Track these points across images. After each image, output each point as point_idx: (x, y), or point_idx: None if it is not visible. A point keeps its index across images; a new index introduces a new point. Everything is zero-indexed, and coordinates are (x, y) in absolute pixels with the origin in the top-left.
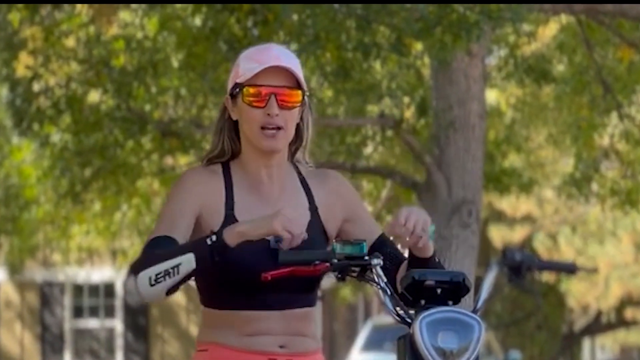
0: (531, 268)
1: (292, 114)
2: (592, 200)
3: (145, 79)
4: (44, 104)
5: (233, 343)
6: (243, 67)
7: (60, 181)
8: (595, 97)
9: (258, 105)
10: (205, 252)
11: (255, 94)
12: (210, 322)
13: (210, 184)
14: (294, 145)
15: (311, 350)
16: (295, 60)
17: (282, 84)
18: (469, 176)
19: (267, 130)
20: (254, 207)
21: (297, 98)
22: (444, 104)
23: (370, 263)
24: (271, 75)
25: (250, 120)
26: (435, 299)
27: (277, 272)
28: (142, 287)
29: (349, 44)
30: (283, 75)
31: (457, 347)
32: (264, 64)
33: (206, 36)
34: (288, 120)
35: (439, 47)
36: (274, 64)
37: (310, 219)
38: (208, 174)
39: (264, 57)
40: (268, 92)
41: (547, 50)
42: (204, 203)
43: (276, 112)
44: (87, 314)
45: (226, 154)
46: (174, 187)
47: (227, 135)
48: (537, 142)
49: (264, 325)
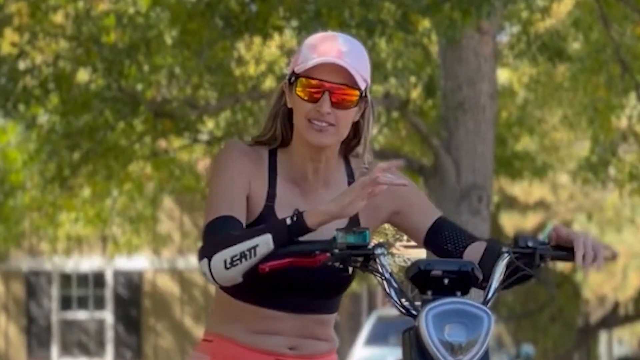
0: (545, 257)
1: (347, 114)
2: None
3: (137, 57)
4: (31, 83)
5: (239, 338)
6: (304, 54)
7: (47, 165)
8: (612, 76)
9: (310, 100)
10: (284, 233)
11: (309, 87)
12: (221, 312)
13: (257, 167)
14: (352, 142)
15: (323, 352)
16: (361, 54)
17: (339, 82)
18: (479, 160)
19: (315, 123)
20: (294, 202)
21: (354, 98)
22: (453, 83)
23: (373, 252)
24: (329, 70)
25: (299, 112)
26: (443, 290)
27: (276, 264)
28: (216, 271)
29: (352, 21)
30: (344, 71)
31: (465, 341)
32: (323, 58)
33: (201, 12)
34: (340, 119)
35: (447, 23)
36: (333, 60)
37: (347, 222)
38: (255, 154)
39: (326, 49)
40: (322, 89)
41: (561, 27)
42: (251, 184)
43: (327, 110)
44: (75, 305)
45: (277, 140)
46: (224, 157)
47: (281, 122)
48: (551, 124)
49: (276, 325)
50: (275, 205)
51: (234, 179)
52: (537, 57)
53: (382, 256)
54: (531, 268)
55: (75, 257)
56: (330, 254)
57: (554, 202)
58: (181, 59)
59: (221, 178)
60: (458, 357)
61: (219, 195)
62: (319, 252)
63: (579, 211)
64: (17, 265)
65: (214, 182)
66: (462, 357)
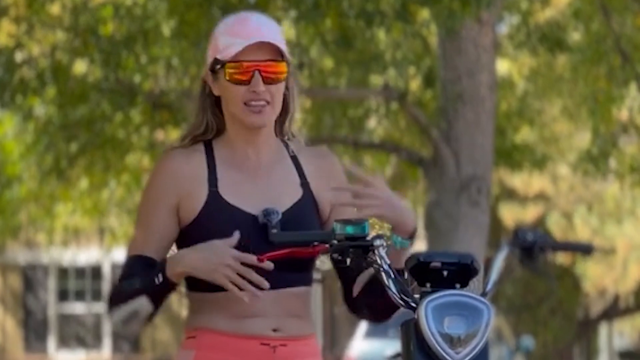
0: (544, 249)
1: (279, 87)
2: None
3: (134, 48)
4: (28, 74)
5: (222, 327)
6: (223, 41)
7: (44, 157)
8: (613, 67)
9: (242, 82)
10: (156, 292)
11: (238, 70)
12: (198, 307)
13: (189, 167)
14: (282, 118)
15: (306, 334)
16: (277, 28)
17: (265, 58)
18: (478, 151)
19: (253, 105)
20: (240, 183)
21: (283, 70)
22: (452, 74)
23: (372, 244)
24: (254, 50)
25: (234, 97)
26: (442, 282)
27: (274, 254)
28: (118, 327)
29: (350, 11)
30: (266, 48)
31: (465, 333)
32: (245, 40)
33: (199, 2)
34: (274, 94)
35: (446, 14)
36: (257, 39)
37: (301, 196)
38: (188, 155)
39: (244, 31)
40: (252, 68)
41: (562, 18)
42: (182, 191)
43: (262, 88)
44: (72, 298)
45: (210, 131)
46: (151, 179)
47: (211, 112)
48: (551, 116)
49: (256, 306)
50: (219, 189)
51: (153, 204)
52: (537, 47)
53: (381, 248)
54: (531, 261)
55: (72, 250)
56: (330, 245)
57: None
58: (179, 50)
59: (143, 203)
60: (457, 349)
61: (138, 220)
62: (317, 243)
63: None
64: (14, 257)
65: (140, 203)
66: (462, 349)
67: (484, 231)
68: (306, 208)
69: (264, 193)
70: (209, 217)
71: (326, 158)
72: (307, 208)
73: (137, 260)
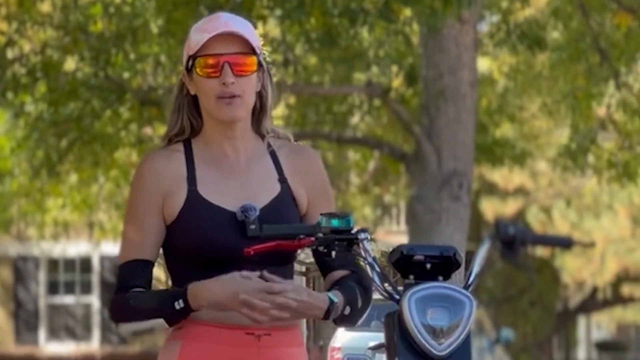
0: (525, 242)
1: (249, 81)
2: (588, 172)
3: (123, 45)
4: (19, 71)
5: (208, 318)
6: (194, 39)
7: (35, 152)
8: (591, 65)
9: (212, 75)
10: (174, 316)
11: (208, 63)
12: None
13: (170, 167)
14: (259, 115)
15: (290, 324)
16: (248, 26)
17: (234, 51)
18: (459, 147)
19: (224, 99)
20: (218, 181)
21: (252, 64)
22: (434, 72)
23: (357, 237)
24: (222, 43)
25: (206, 91)
26: (425, 275)
27: (260, 247)
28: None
29: (334, 10)
30: (236, 42)
31: (448, 325)
32: (212, 32)
33: (186, 1)
34: (245, 88)
35: (428, 13)
36: (223, 30)
37: (279, 191)
38: (167, 155)
39: (212, 26)
40: (221, 61)
41: (541, 16)
42: (165, 191)
43: (231, 80)
44: (62, 290)
45: (186, 131)
46: (135, 182)
47: (187, 112)
48: (531, 112)
49: None
50: (198, 188)
51: (142, 206)
52: (516, 45)
53: (366, 241)
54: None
55: (62, 243)
56: (315, 238)
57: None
58: (167, 47)
59: (131, 207)
60: (440, 340)
61: (129, 225)
62: (303, 237)
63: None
64: (4, 250)
65: (128, 206)
66: (444, 340)
67: (465, 225)
68: (284, 204)
69: (243, 190)
70: (189, 216)
71: (306, 154)
72: (285, 204)
73: (136, 265)
